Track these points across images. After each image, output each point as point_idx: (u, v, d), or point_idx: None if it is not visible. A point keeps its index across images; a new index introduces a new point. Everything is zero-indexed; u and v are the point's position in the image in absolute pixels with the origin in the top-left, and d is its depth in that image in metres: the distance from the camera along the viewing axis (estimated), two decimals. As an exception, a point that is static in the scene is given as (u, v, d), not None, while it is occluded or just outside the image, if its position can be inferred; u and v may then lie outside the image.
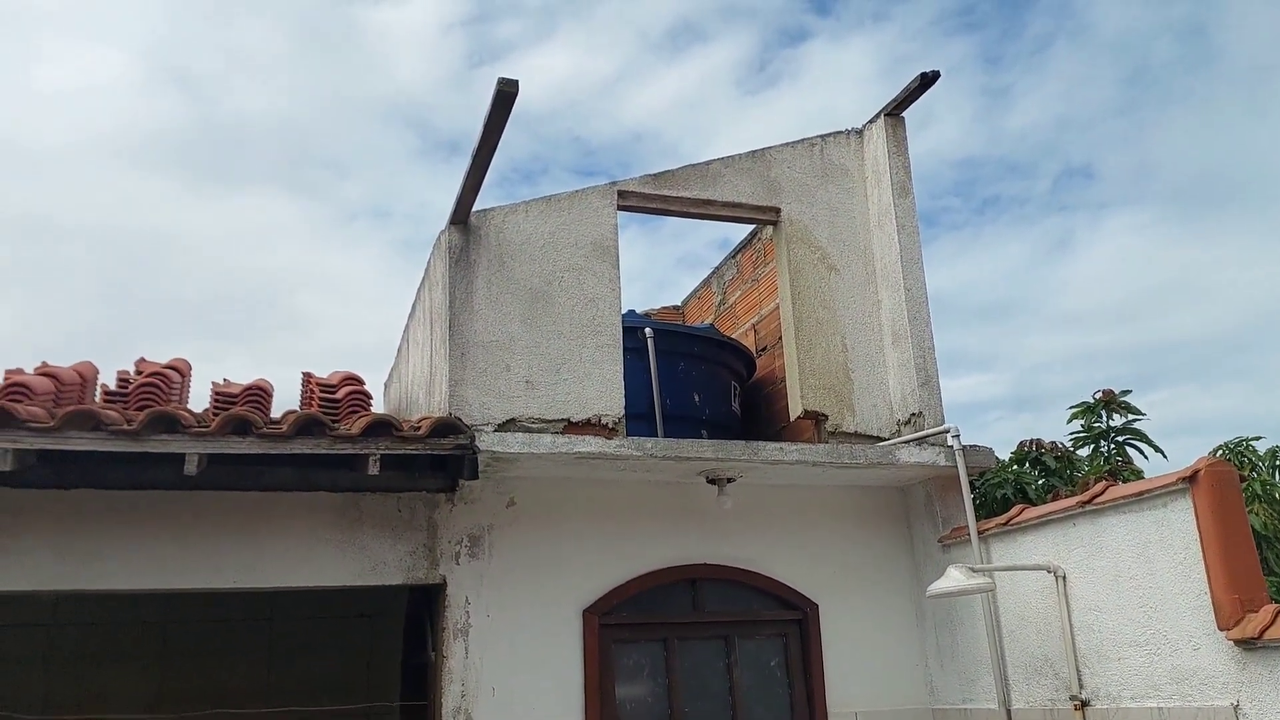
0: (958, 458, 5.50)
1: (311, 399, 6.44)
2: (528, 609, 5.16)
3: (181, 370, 6.57)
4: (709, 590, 5.62)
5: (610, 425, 5.40)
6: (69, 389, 5.80)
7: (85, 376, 6.26)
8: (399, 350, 7.75)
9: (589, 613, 5.27)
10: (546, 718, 5.01)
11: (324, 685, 7.27)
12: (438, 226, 5.61)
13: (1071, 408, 8.42)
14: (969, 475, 5.55)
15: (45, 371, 5.94)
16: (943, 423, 5.77)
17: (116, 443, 4.12)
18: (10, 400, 4.46)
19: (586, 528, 5.43)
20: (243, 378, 6.70)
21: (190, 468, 4.21)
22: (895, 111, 6.35)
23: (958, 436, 5.55)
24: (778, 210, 6.15)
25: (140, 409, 5.38)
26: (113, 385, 6.23)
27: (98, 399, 6.11)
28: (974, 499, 5.65)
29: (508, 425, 5.22)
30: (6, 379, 5.63)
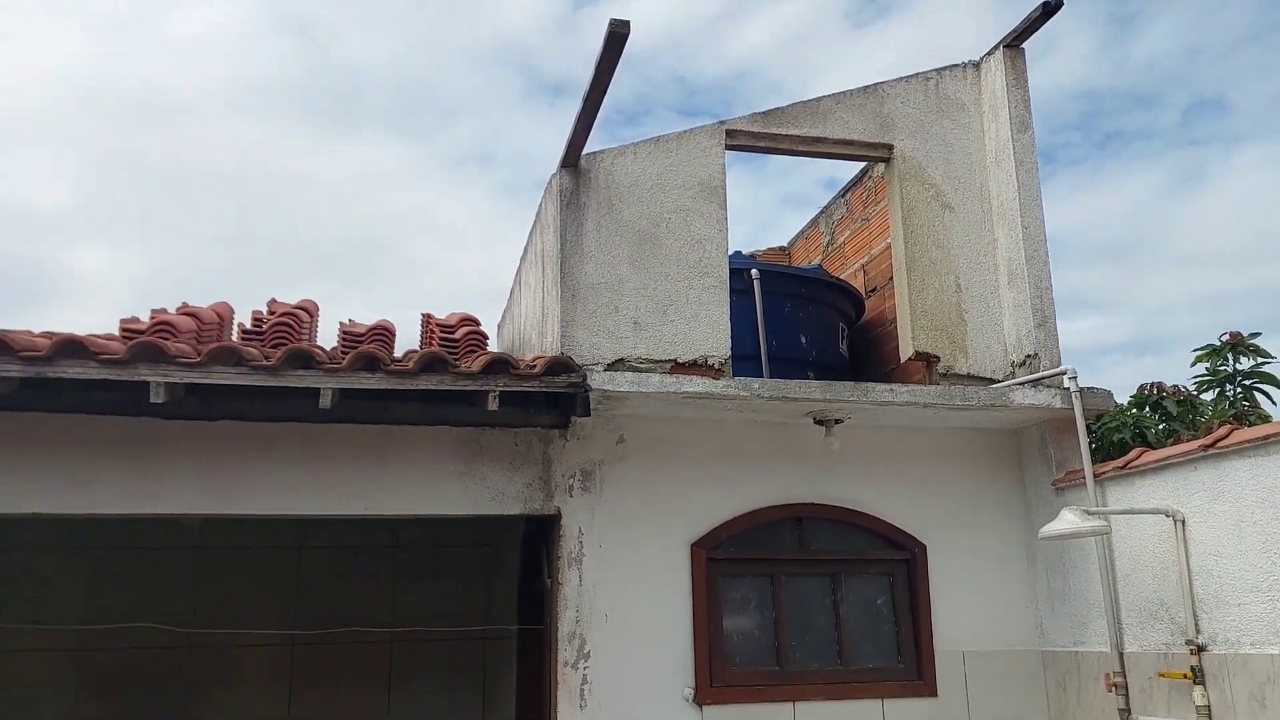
0: (1074, 400, 5.39)
1: (431, 338, 6.71)
2: (638, 541, 5.33)
3: (310, 311, 6.92)
4: (815, 529, 5.69)
5: (716, 366, 5.48)
6: (209, 328, 6.19)
7: (223, 316, 6.66)
8: (511, 292, 7.95)
9: (696, 546, 5.41)
10: (657, 644, 5.20)
11: (444, 610, 7.67)
12: (541, 169, 5.75)
13: (1196, 350, 8.07)
14: (1086, 418, 5.44)
15: (187, 311, 6.34)
16: (1059, 364, 5.65)
17: (256, 377, 4.40)
18: (159, 337, 4.81)
19: (693, 465, 5.55)
20: (359, 319, 7.03)
21: (324, 401, 4.48)
22: (1015, 43, 6.13)
23: (1075, 378, 5.43)
24: (890, 147, 6.04)
25: (275, 347, 5.71)
26: (248, 324, 6.62)
27: (235, 337, 6.50)
28: (1091, 443, 5.54)
29: (616, 365, 5.35)
30: (153, 318, 6.04)
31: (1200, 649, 4.60)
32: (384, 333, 6.22)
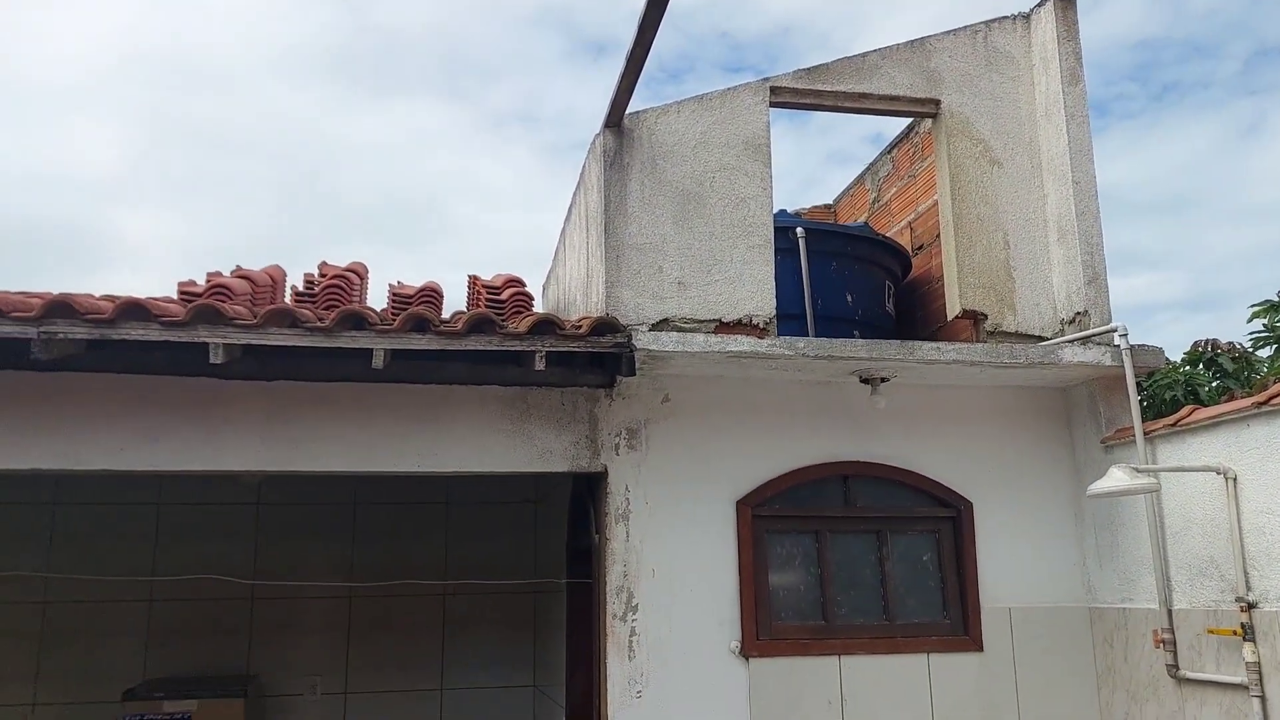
0: (1124, 357, 5.33)
1: (478, 300, 6.81)
2: (683, 498, 5.40)
3: (360, 273, 7.04)
4: (861, 487, 5.72)
5: (761, 325, 5.49)
6: (262, 290, 6.34)
7: (275, 279, 6.81)
8: (555, 253, 8.01)
9: (742, 504, 5.47)
10: (703, 598, 5.29)
11: (495, 564, 7.86)
12: (584, 129, 5.78)
13: (1253, 306, 7.90)
14: (1136, 376, 5.38)
15: (241, 274, 6.50)
16: (1109, 321, 5.58)
17: (311, 338, 4.52)
18: (216, 300, 4.94)
19: (738, 424, 5.59)
20: (404, 281, 7.14)
21: (377, 361, 4.58)
22: (1067, -8, 5.98)
23: (1125, 335, 5.37)
24: (937, 102, 5.96)
25: (327, 308, 5.84)
26: (300, 287, 6.76)
27: (288, 299, 6.65)
28: (1141, 401, 5.48)
29: (661, 325, 5.39)
30: (209, 281, 6.20)
31: (1251, 606, 4.58)
32: (433, 294, 6.32)
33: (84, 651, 7.45)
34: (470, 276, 7.37)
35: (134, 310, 4.37)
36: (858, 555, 5.67)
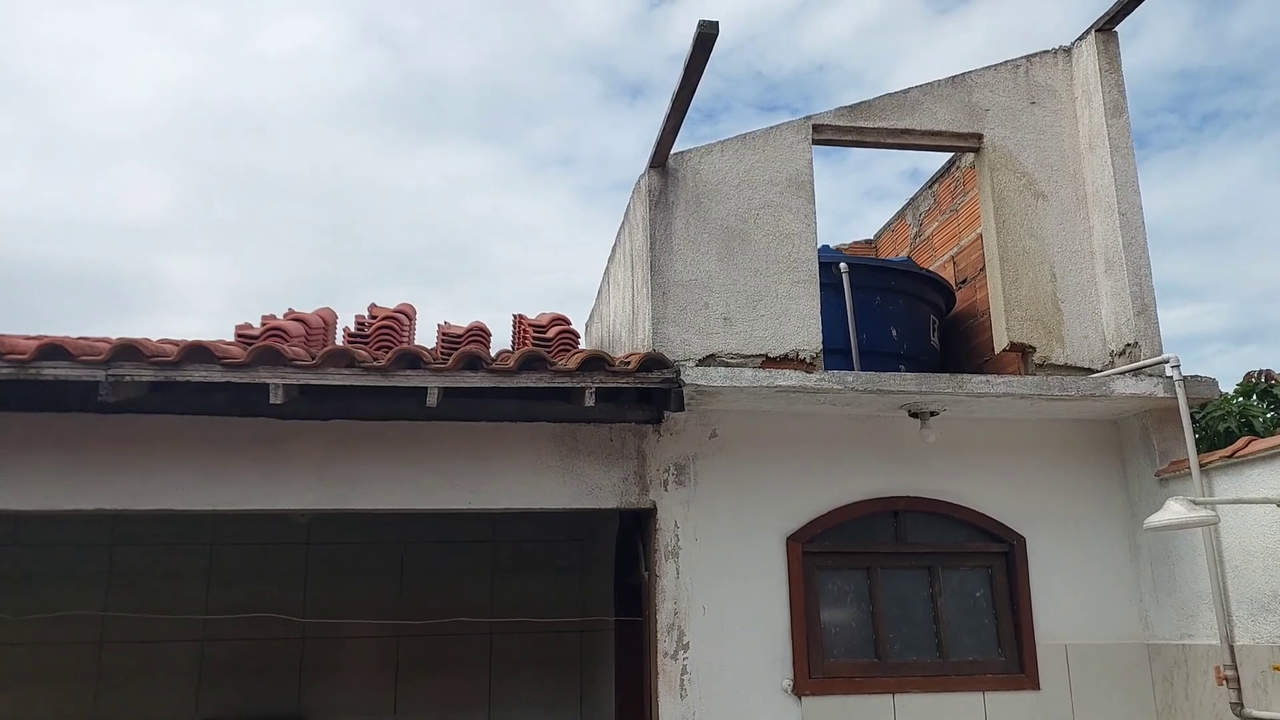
0: (1178, 388, 5.28)
1: (524, 338, 6.90)
2: (733, 535, 5.40)
3: (409, 314, 7.19)
4: (911, 522, 5.68)
5: (808, 360, 5.51)
6: (315, 332, 6.49)
7: (327, 321, 6.96)
8: (599, 292, 8.10)
9: (792, 540, 5.45)
10: (754, 635, 5.26)
11: (542, 604, 7.86)
12: (621, 170, 5.90)
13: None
14: (1189, 407, 5.32)
15: (294, 317, 6.65)
16: (1160, 353, 5.53)
17: (368, 378, 4.61)
18: (273, 341, 5.06)
19: (787, 459, 5.59)
20: (444, 322, 7.27)
21: (431, 400, 4.66)
22: (1107, 26, 6.01)
23: (1177, 366, 5.32)
24: (980, 136, 5.99)
25: (380, 348, 5.96)
26: (351, 328, 6.91)
27: (339, 340, 6.79)
28: (1194, 434, 5.41)
29: (708, 361, 5.43)
30: (264, 324, 6.35)
31: (1318, 642, 4.48)
32: (481, 333, 6.43)
33: (138, 691, 7.54)
34: (516, 316, 7.49)
35: (197, 352, 4.49)
36: (909, 592, 5.62)
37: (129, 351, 4.43)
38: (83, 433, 4.91)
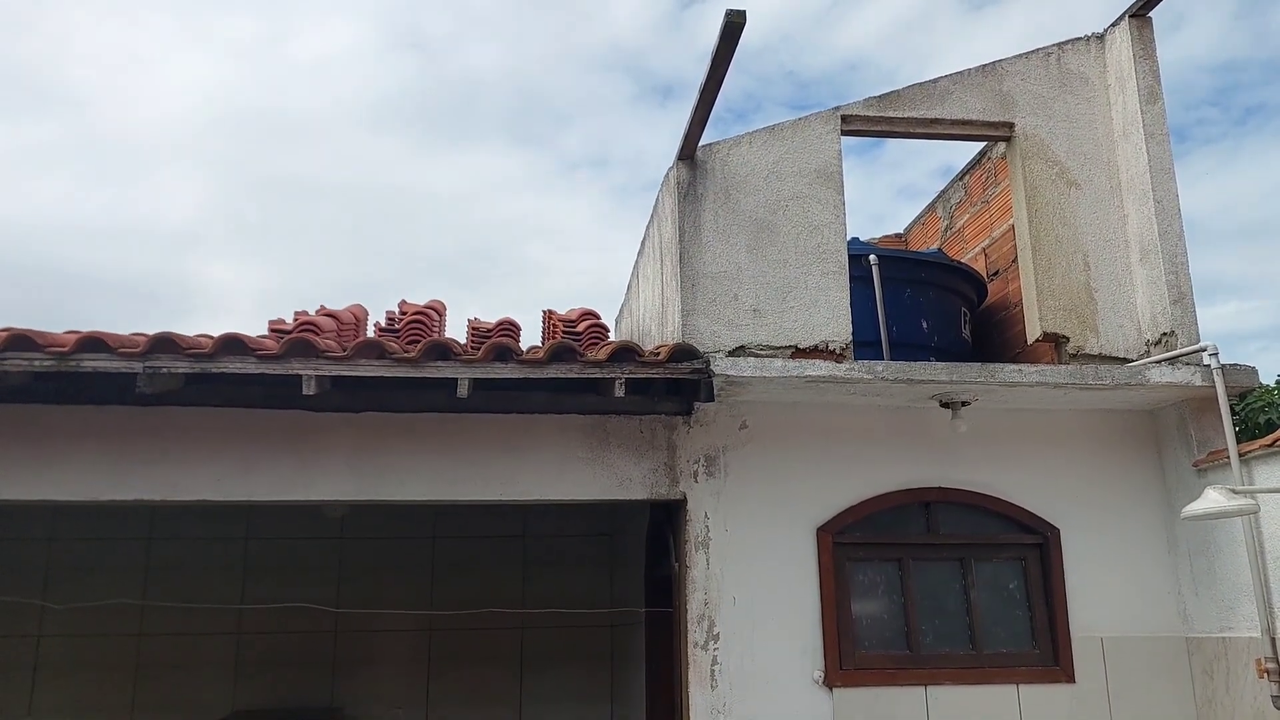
0: (1216, 377, 5.20)
1: (554, 333, 6.93)
2: (763, 525, 5.38)
3: (439, 310, 7.24)
4: (943, 513, 5.64)
5: (838, 351, 5.49)
6: (346, 327, 6.56)
7: (358, 317, 7.03)
8: (628, 286, 8.11)
9: (822, 531, 5.43)
10: (785, 626, 5.25)
11: (572, 598, 7.88)
12: (653, 170, 5.91)
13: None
14: (1228, 396, 5.24)
15: (326, 313, 6.72)
16: (1197, 342, 5.45)
17: (399, 369, 4.65)
18: (306, 334, 5.12)
19: (817, 450, 5.57)
20: (479, 317, 7.31)
21: (462, 391, 4.69)
22: (1141, 12, 5.94)
23: (1216, 355, 5.24)
24: (1011, 125, 5.94)
25: (410, 342, 6.01)
26: (382, 324, 6.97)
27: (371, 335, 6.85)
28: (1235, 424, 5.32)
29: (737, 352, 5.42)
30: (297, 319, 6.43)
31: (1362, 633, 4.39)
32: (511, 327, 6.47)
33: (176, 683, 7.65)
34: (545, 311, 7.53)
35: (232, 344, 4.55)
36: (941, 583, 5.57)
37: (165, 344, 4.50)
38: (122, 425, 4.99)
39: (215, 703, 7.57)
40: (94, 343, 4.47)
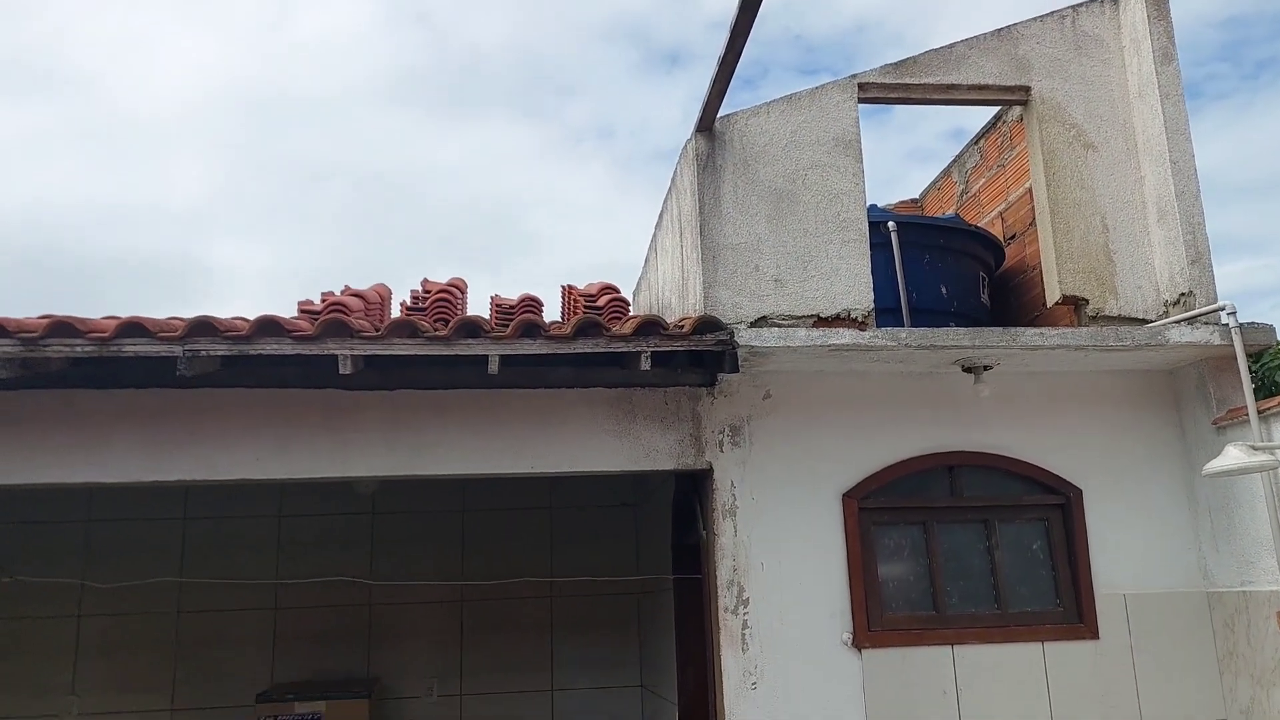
0: (1234, 335, 5.26)
1: (575, 308, 7.02)
2: (789, 493, 5.48)
3: (461, 288, 7.33)
4: (966, 476, 5.73)
5: (860, 319, 5.55)
6: (373, 306, 6.66)
7: (383, 296, 7.13)
8: (646, 260, 8.17)
9: (848, 497, 5.53)
10: (813, 590, 5.36)
11: (599, 568, 8.02)
12: (660, 139, 6.00)
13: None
14: (1246, 355, 5.29)
15: (353, 293, 6.82)
16: (1215, 301, 5.50)
17: (431, 347, 4.74)
18: (337, 315, 5.21)
19: (840, 418, 5.65)
20: (486, 299, 7.40)
21: (492, 367, 4.78)
22: (1156, -29, 5.93)
23: (1234, 313, 5.29)
24: (1027, 89, 5.96)
25: (437, 320, 6.10)
26: (407, 302, 7.07)
27: (396, 314, 6.95)
28: (1253, 382, 5.38)
29: (760, 323, 5.48)
30: (324, 300, 6.53)
31: (1382, 583, 4.47)
32: (534, 304, 6.55)
33: (216, 659, 7.85)
34: (565, 287, 7.61)
35: (268, 326, 4.65)
36: (966, 545, 5.67)
37: (203, 327, 4.60)
38: (161, 408, 5.11)
39: (255, 676, 7.76)
40: (134, 328, 4.58)
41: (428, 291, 7.06)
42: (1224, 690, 5.47)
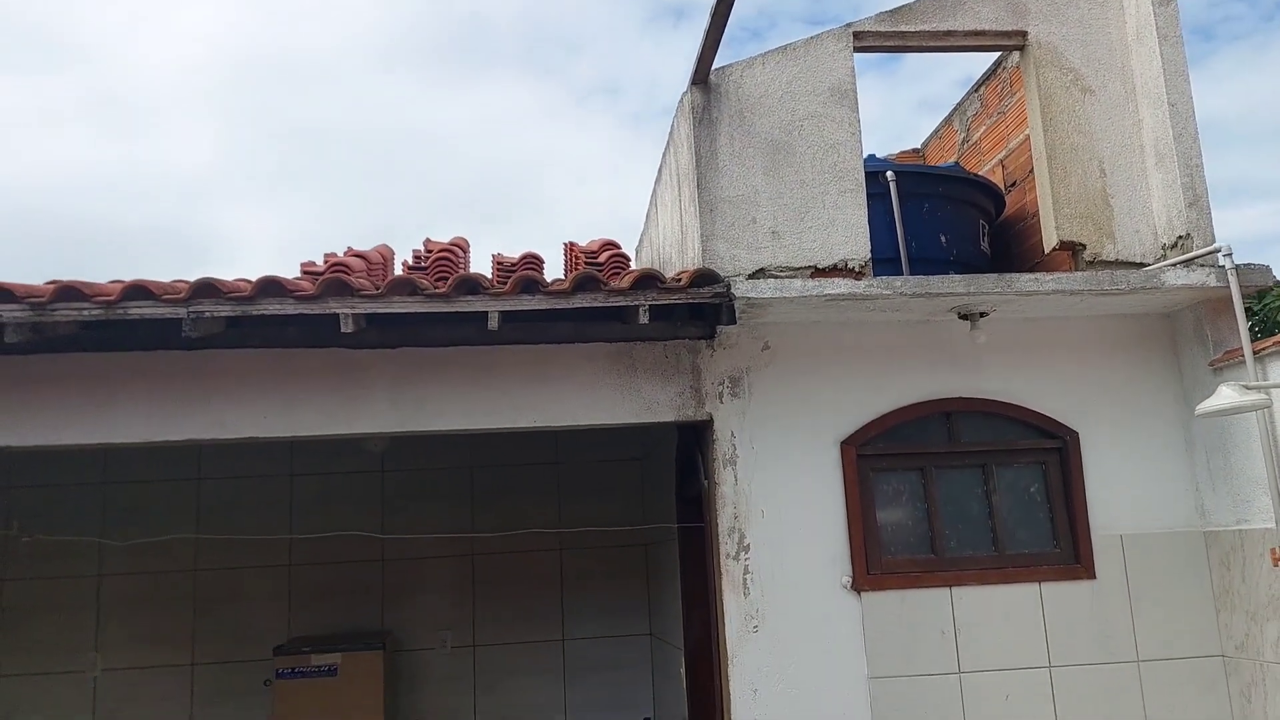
0: (1230, 277, 5.27)
1: (576, 264, 7.07)
2: (788, 442, 5.56)
3: (462, 247, 7.38)
4: (964, 422, 5.79)
5: (857, 269, 5.58)
6: (375, 266, 6.72)
7: (385, 256, 7.19)
8: (647, 215, 8.20)
9: (846, 444, 5.60)
10: (813, 536, 5.46)
11: (606, 520, 8.15)
12: (668, 95, 5.95)
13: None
14: (1244, 296, 5.31)
15: (355, 254, 6.89)
16: (1213, 244, 5.50)
17: (431, 304, 4.81)
18: (340, 274, 5.28)
19: (838, 367, 5.71)
20: (502, 252, 7.44)
21: (492, 324, 4.85)
22: (1155, -91, 5.85)
23: (1230, 255, 5.30)
24: (1024, 34, 5.92)
25: (438, 278, 6.16)
26: (410, 262, 7.13)
27: (399, 274, 7.02)
28: (1254, 324, 5.41)
29: (758, 275, 5.52)
30: (327, 261, 6.60)
31: (1373, 519, 4.53)
32: (535, 261, 6.60)
33: (233, 614, 8.04)
34: (566, 244, 7.65)
35: (271, 287, 4.72)
36: (964, 490, 5.75)
37: (207, 289, 4.68)
38: (168, 369, 5.20)
39: (272, 630, 7.96)
40: (139, 290, 4.66)
41: (430, 251, 7.12)
42: (1219, 627, 5.56)
